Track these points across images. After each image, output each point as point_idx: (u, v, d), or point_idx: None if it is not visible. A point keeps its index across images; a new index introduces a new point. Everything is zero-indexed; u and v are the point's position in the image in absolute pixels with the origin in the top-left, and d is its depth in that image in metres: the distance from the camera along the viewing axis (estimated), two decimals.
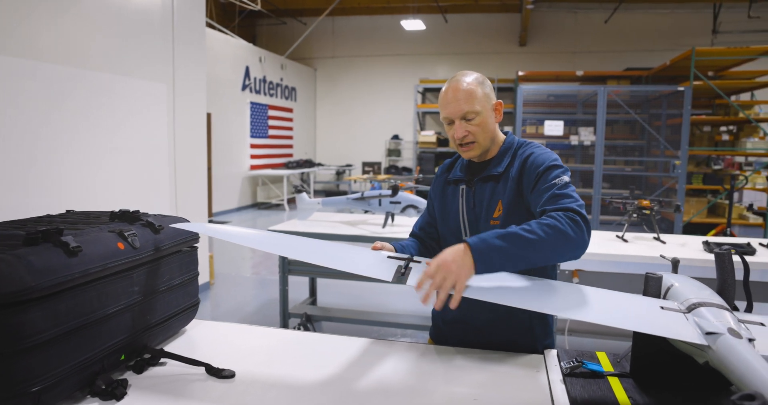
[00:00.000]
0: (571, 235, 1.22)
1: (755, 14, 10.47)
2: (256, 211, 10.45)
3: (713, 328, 1.04)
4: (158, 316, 1.40)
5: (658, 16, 11.53)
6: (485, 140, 1.48)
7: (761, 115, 7.93)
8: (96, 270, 1.15)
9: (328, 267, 1.24)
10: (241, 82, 10.18)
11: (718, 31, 11.04)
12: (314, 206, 3.67)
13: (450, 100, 1.46)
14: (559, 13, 12.01)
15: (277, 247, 1.36)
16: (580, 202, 1.32)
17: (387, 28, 12.99)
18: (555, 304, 1.20)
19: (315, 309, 3.80)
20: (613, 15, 11.25)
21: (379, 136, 13.34)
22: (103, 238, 1.23)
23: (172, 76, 4.01)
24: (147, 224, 1.40)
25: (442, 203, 1.60)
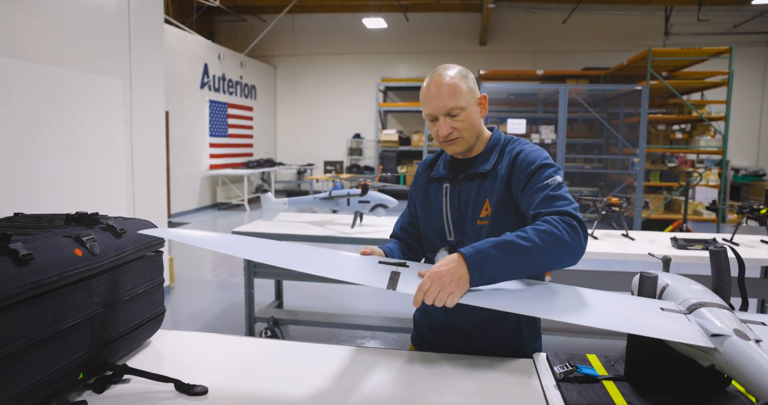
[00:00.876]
0: (568, 242, 1.18)
1: (704, 17, 10.89)
2: (216, 211, 10.16)
3: (718, 330, 1.00)
4: (121, 328, 1.28)
5: (613, 18, 11.84)
6: (471, 136, 1.42)
7: (713, 114, 8.22)
8: (50, 280, 1.02)
9: (318, 275, 1.15)
10: (200, 80, 9.88)
11: (669, 33, 11.44)
12: (280, 206, 3.55)
13: (433, 95, 1.38)
14: (519, 14, 12.18)
15: (256, 253, 1.25)
16: (575, 204, 1.27)
17: (348, 27, 12.88)
18: (553, 308, 1.14)
19: (282, 312, 3.68)
20: (570, 16, 11.48)
21: (340, 135, 13.22)
22: (57, 244, 1.10)
23: (128, 71, 3.80)
24: (107, 228, 1.27)
25: (425, 202, 1.53)
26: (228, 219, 9.37)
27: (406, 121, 13.10)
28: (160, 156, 4.30)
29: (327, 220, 3.65)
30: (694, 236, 3.22)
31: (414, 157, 12.37)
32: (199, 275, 5.51)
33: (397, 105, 12.62)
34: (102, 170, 3.64)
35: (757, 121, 11.84)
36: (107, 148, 3.67)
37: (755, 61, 11.58)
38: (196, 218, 9.23)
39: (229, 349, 1.45)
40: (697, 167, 9.53)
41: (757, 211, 3.19)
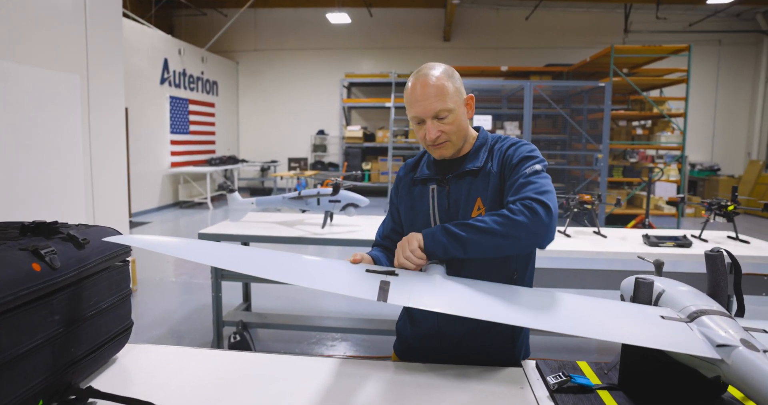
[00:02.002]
0: (524, 223, 1.18)
1: (662, 16, 11.20)
2: (178, 210, 9.86)
3: (724, 340, 0.97)
4: (84, 347, 1.17)
5: (574, 15, 12.05)
6: (459, 139, 1.36)
7: (672, 110, 8.46)
8: (4, 300, 0.91)
9: (305, 286, 1.07)
10: (160, 76, 9.54)
11: (629, 31, 11.72)
12: (247, 206, 3.43)
13: (419, 97, 1.31)
14: (482, 10, 12.26)
15: (234, 262, 1.16)
16: (545, 188, 1.25)
17: (311, 21, 12.69)
18: (552, 320, 1.09)
19: (251, 316, 3.56)
20: (533, 13, 11.62)
21: (304, 131, 13.04)
22: (12, 258, 0.99)
23: (85, 66, 3.59)
24: (68, 238, 1.16)
25: (410, 205, 1.46)
26: (191, 218, 9.10)
27: (371, 117, 13.02)
28: (120, 154, 4.11)
29: (296, 220, 3.55)
30: (665, 233, 3.27)
31: (379, 154, 12.31)
32: (161, 277, 5.31)
33: (361, 101, 12.52)
34: (58, 171, 3.43)
35: (711, 117, 12.27)
36: (64, 147, 3.47)
37: (709, 59, 11.99)
38: (157, 217, 8.93)
39: (203, 365, 1.35)
40: (656, 163, 9.80)
41: (725, 208, 3.26)
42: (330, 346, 3.62)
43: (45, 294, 1.03)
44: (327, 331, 3.62)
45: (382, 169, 11.80)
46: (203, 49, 11.31)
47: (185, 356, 1.41)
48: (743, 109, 12.40)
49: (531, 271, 1.42)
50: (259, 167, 12.80)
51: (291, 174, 10.75)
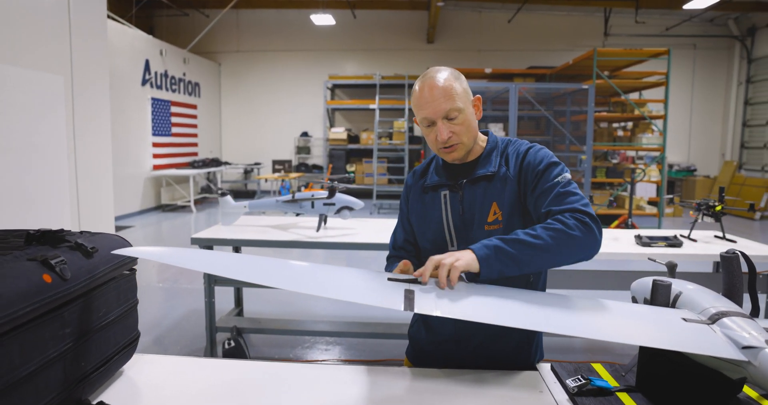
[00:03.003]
0: (579, 237, 1.18)
1: (641, 20, 11.39)
2: (160, 213, 9.69)
3: (750, 342, 0.97)
4: (94, 360, 1.12)
5: (556, 18, 12.19)
6: (469, 140, 1.35)
7: (653, 112, 8.60)
8: (18, 315, 0.87)
9: (330, 298, 1.04)
10: (141, 77, 9.37)
11: (609, 34, 11.90)
12: (240, 210, 3.38)
13: (428, 99, 1.31)
14: (465, 12, 12.33)
15: (256, 274, 1.12)
16: (585, 200, 1.26)
17: (294, 23, 12.61)
18: (577, 324, 1.08)
19: (244, 321, 3.51)
20: (515, 15, 11.71)
21: (287, 133, 12.95)
22: (21, 269, 0.94)
23: (70, 67, 3.51)
24: (76, 247, 1.11)
25: (421, 213, 1.44)
26: (174, 221, 8.96)
27: (355, 119, 12.99)
28: (106, 158, 4.01)
29: (290, 224, 3.51)
30: (656, 233, 3.31)
31: (363, 156, 12.27)
32: (146, 283, 5.20)
33: (345, 103, 12.48)
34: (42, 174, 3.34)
35: (687, 119, 12.52)
36: (47, 149, 3.37)
37: (685, 63, 12.23)
38: (139, 221, 8.77)
39: (214, 375, 1.32)
40: (637, 163, 9.96)
41: (713, 208, 3.31)
42: (325, 350, 3.59)
43: (56, 307, 0.99)
44: (322, 335, 3.58)
45: (367, 170, 11.77)
46: (185, 50, 11.15)
47: (194, 366, 1.37)
48: (717, 112, 12.69)
49: (545, 275, 1.42)
50: (242, 170, 12.67)
51: (275, 176, 10.66)
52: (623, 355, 3.55)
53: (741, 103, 12.17)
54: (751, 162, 11.82)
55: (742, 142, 12.18)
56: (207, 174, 11.68)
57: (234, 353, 3.06)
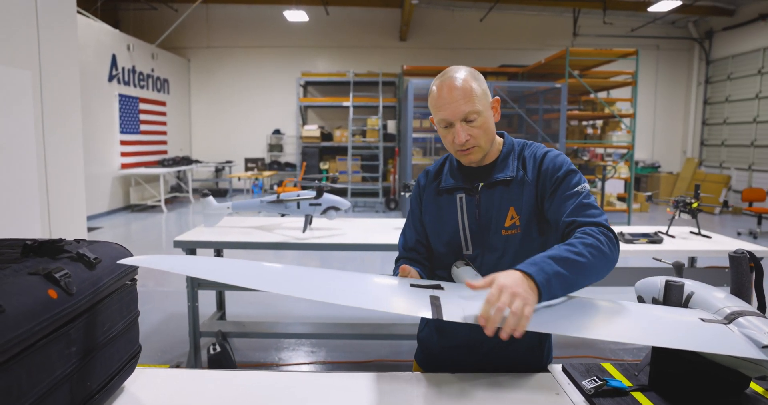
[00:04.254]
0: (608, 255, 1.17)
1: (609, 21, 11.64)
2: (129, 214, 9.42)
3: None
4: (99, 379, 1.06)
5: (526, 17, 12.33)
6: (487, 143, 1.33)
7: (623, 111, 8.80)
8: (26, 335, 0.81)
9: (356, 306, 1.00)
10: (108, 72, 9.07)
11: (577, 34, 12.11)
12: (223, 211, 3.29)
13: (447, 100, 1.28)
14: (437, 10, 12.35)
15: (273, 282, 1.07)
16: (606, 215, 1.26)
17: (266, 19, 12.42)
18: (601, 328, 1.08)
19: (228, 325, 3.43)
20: (487, 14, 11.81)
21: (259, 131, 12.77)
22: (25, 284, 0.88)
23: (38, 61, 3.35)
24: (77, 257, 1.05)
25: (436, 216, 1.41)
26: (144, 222, 8.72)
27: (328, 117, 12.89)
28: (77, 157, 3.86)
29: (274, 224, 3.45)
30: (637, 230, 3.37)
31: (337, 153, 12.20)
32: None
33: (318, 100, 12.37)
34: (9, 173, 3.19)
35: (651, 117, 12.87)
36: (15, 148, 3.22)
37: (648, 63, 12.55)
38: (108, 222, 8.50)
39: (220, 388, 1.26)
40: (606, 160, 10.18)
41: (690, 205, 3.40)
42: (311, 352, 3.54)
43: (63, 324, 0.93)
44: (309, 337, 3.53)
45: (341, 168, 11.71)
46: (153, 45, 10.85)
47: (199, 379, 1.32)
48: (679, 111, 13.09)
49: None
50: (213, 168, 12.43)
51: (248, 175, 10.49)
52: (604, 349, 3.61)
53: (701, 102, 12.58)
54: (710, 159, 12.24)
55: (702, 140, 12.59)
56: (177, 173, 11.42)
57: (220, 359, 2.99)
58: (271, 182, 12.67)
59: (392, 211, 10.31)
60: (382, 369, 3.01)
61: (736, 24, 11.23)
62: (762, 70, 10.52)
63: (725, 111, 11.72)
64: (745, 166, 10.96)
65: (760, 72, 10.56)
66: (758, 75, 10.62)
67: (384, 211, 10.39)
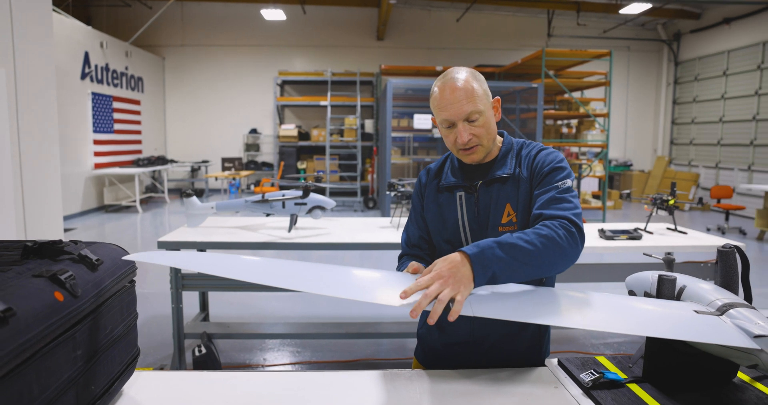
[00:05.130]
0: (565, 248, 1.18)
1: (582, 22, 11.85)
2: (103, 214, 9.22)
3: (761, 331, 1.03)
4: (102, 382, 1.05)
5: (502, 18, 12.48)
6: (489, 142, 1.35)
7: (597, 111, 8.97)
8: (36, 339, 0.80)
9: (368, 302, 1.01)
10: (80, 70, 8.84)
11: (552, 35, 12.30)
12: (207, 211, 3.26)
13: (450, 100, 1.30)
14: (414, 10, 12.40)
15: (287, 279, 1.07)
16: (578, 210, 1.27)
17: (242, 17, 12.29)
18: (604, 319, 1.12)
19: (212, 326, 3.39)
20: (464, 15, 11.90)
21: (235, 130, 12.63)
22: (31, 287, 0.86)
23: (12, 58, 3.25)
24: (79, 259, 1.03)
25: (437, 214, 1.43)
26: (118, 222, 8.54)
27: (305, 116, 12.83)
28: (54, 157, 3.76)
29: (258, 224, 3.42)
30: (617, 227, 3.45)
31: (314, 153, 12.15)
32: None
33: (295, 99, 12.30)
34: None
35: (623, 117, 13.16)
36: None
37: (620, 64, 12.84)
38: (81, 223, 8.30)
39: (221, 389, 1.26)
40: (581, 159, 10.37)
41: (667, 202, 3.50)
42: (297, 352, 3.52)
43: (69, 327, 0.91)
44: (296, 337, 3.51)
45: (318, 167, 11.66)
46: (127, 42, 10.63)
47: (198, 381, 1.31)
48: (649, 110, 13.42)
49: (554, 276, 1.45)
50: (189, 168, 12.25)
51: (226, 174, 10.36)
52: (586, 344, 3.69)
53: (670, 102, 12.92)
54: (680, 157, 12.58)
55: (671, 139, 12.93)
56: (152, 173, 11.21)
57: (206, 360, 2.95)
58: (248, 182, 12.55)
59: (371, 211, 10.32)
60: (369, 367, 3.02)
61: (702, 27, 11.57)
62: (727, 71, 10.85)
63: (693, 111, 12.06)
64: (712, 164, 11.30)
65: (725, 73, 10.89)
66: (723, 76, 10.96)
67: (362, 210, 10.39)
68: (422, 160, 10.16)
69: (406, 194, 3.47)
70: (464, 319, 1.37)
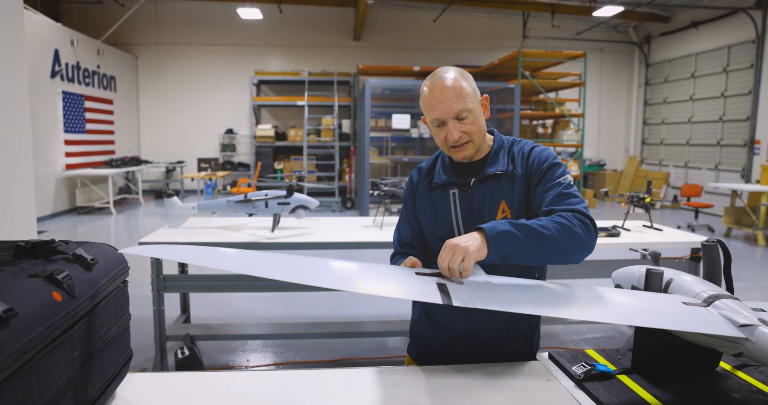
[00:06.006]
0: (581, 236, 1.22)
1: (557, 24, 12.04)
2: (75, 216, 9.00)
3: (746, 321, 1.07)
4: (99, 384, 1.03)
5: (478, 19, 12.60)
6: (479, 139, 1.38)
7: (572, 111, 9.14)
8: (37, 340, 0.78)
9: (371, 294, 1.02)
10: (50, 68, 8.60)
11: (527, 36, 12.46)
12: (188, 211, 3.22)
13: (439, 99, 1.32)
14: (391, 10, 12.44)
15: (289, 272, 1.08)
16: (585, 203, 1.30)
17: (217, 16, 12.14)
18: (600, 311, 1.15)
19: (194, 328, 3.35)
20: (441, 15, 11.98)
21: (211, 130, 12.48)
22: (28, 287, 0.85)
23: None
24: (74, 258, 1.01)
25: (430, 212, 1.45)
26: (91, 225, 8.35)
27: (281, 116, 12.74)
28: (26, 155, 3.67)
29: (241, 224, 3.39)
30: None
31: (291, 153, 12.08)
32: None
33: (272, 99, 12.20)
34: None
35: (596, 117, 13.41)
36: None
37: (593, 65, 13.08)
38: (52, 225, 8.09)
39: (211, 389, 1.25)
40: None
41: (643, 200, 3.59)
42: (280, 352, 3.50)
43: (67, 328, 0.90)
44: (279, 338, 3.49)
45: (295, 168, 11.61)
46: (99, 41, 10.39)
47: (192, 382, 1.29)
48: (622, 111, 13.72)
49: (545, 269, 1.47)
50: (164, 168, 12.04)
51: (202, 175, 10.22)
52: (566, 340, 3.76)
53: (641, 103, 13.23)
54: (651, 157, 12.90)
55: (643, 139, 13.24)
56: (126, 173, 10.99)
57: (189, 363, 2.92)
58: (224, 182, 12.41)
59: (349, 211, 10.30)
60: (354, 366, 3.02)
61: (671, 30, 11.87)
62: (695, 73, 11.16)
63: (663, 112, 12.37)
64: (681, 164, 11.61)
65: (693, 76, 11.20)
66: (692, 78, 11.27)
67: (341, 210, 10.37)
68: (400, 160, 10.18)
69: (389, 194, 3.49)
70: (459, 315, 1.40)
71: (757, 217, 7.37)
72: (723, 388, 1.22)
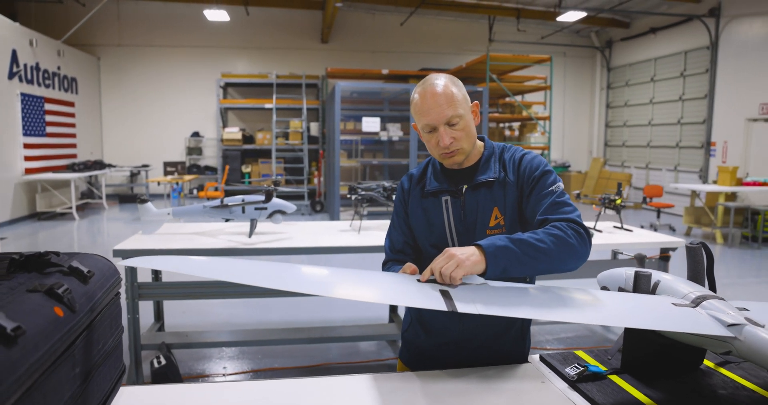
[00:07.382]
0: (576, 247, 1.24)
1: (522, 28, 12.29)
2: (36, 222, 8.66)
3: (734, 320, 1.11)
4: (96, 400, 1.00)
5: (444, 23, 12.74)
6: (469, 146, 1.39)
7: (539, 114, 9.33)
8: (44, 359, 0.76)
9: (374, 302, 1.02)
10: (8, 69, 8.25)
11: (493, 40, 12.67)
12: (163, 217, 3.15)
13: (431, 105, 1.33)
14: (359, 13, 12.45)
15: (281, 280, 1.07)
16: (578, 211, 1.33)
17: (182, 17, 11.91)
18: (597, 314, 1.18)
19: (169, 336, 3.27)
20: (408, 19, 12.06)
21: (177, 133, 12.23)
22: (30, 303, 0.82)
23: None
24: (70, 271, 0.98)
25: (422, 219, 1.45)
26: (53, 230, 8.06)
27: (248, 119, 12.58)
28: None
29: (217, 230, 3.34)
30: None
31: (259, 156, 11.93)
32: None
33: (239, 102, 12.04)
34: None
35: (561, 120, 13.73)
36: None
37: (557, 69, 13.38)
38: (10, 232, 7.76)
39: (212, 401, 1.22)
40: None
41: (614, 202, 3.69)
42: (258, 359, 3.45)
43: (69, 344, 0.87)
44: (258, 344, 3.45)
45: (263, 171, 11.48)
46: (59, 41, 10.04)
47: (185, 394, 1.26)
48: (585, 113, 14.09)
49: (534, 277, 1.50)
50: (128, 172, 11.72)
51: (169, 179, 10.00)
52: (542, 340, 3.83)
53: (603, 106, 13.63)
54: (613, 158, 13.28)
55: (605, 141, 13.63)
56: (89, 178, 10.65)
57: (166, 372, 2.84)
58: (190, 186, 12.16)
59: (318, 214, 10.24)
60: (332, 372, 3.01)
61: (631, 35, 12.27)
62: (654, 78, 11.57)
63: (625, 114, 12.76)
64: (643, 165, 12.00)
65: (653, 79, 11.60)
66: (651, 82, 11.67)
67: (310, 213, 10.30)
68: (369, 163, 10.19)
69: (367, 198, 3.49)
70: (454, 320, 1.41)
71: (715, 217, 7.68)
72: (709, 385, 1.27)
